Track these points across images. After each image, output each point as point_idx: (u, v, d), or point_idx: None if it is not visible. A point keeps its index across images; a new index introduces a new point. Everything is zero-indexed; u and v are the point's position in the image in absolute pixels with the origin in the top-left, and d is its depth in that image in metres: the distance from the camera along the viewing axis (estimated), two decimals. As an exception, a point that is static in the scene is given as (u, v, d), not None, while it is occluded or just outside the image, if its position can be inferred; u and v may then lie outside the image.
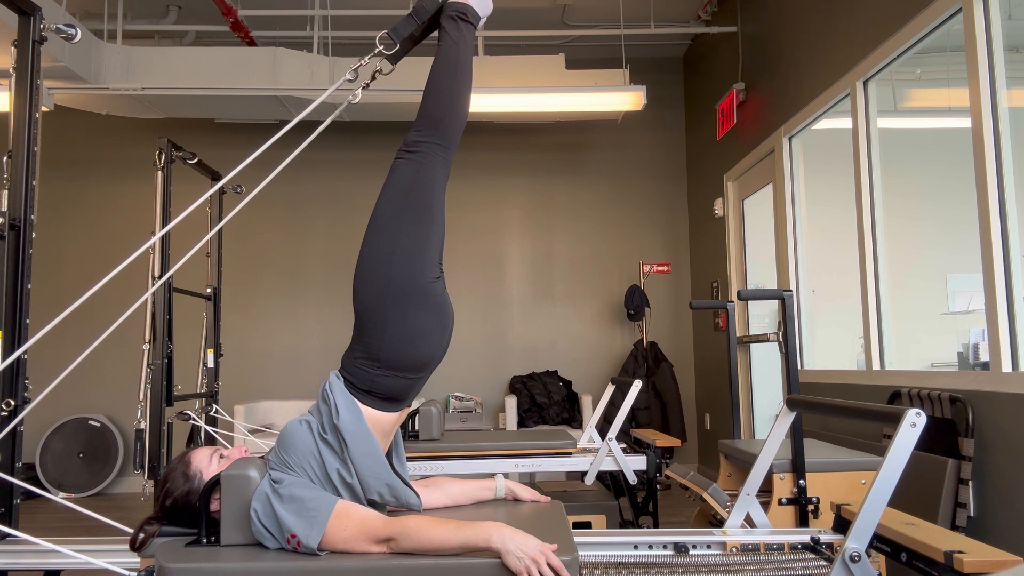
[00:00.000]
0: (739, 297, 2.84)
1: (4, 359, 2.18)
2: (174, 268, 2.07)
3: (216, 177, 4.27)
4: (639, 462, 3.34)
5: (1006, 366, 2.66)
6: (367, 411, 1.64)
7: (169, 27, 5.73)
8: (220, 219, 4.28)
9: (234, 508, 1.55)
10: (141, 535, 1.62)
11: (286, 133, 7.39)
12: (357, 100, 1.96)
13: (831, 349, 4.34)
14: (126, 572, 1.59)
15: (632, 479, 3.34)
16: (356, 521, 1.49)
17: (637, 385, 3.36)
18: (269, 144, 1.98)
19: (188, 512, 1.64)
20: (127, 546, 1.82)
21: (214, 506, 1.60)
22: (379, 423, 1.66)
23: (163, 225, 3.54)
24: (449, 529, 1.47)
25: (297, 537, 1.48)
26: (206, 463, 1.69)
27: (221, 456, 1.72)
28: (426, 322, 1.67)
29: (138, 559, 1.64)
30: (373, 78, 2.00)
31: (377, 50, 1.92)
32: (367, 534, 1.48)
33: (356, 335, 1.68)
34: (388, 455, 1.76)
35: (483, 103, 5.08)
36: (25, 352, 2.24)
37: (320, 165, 6.53)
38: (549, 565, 1.43)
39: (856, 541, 1.47)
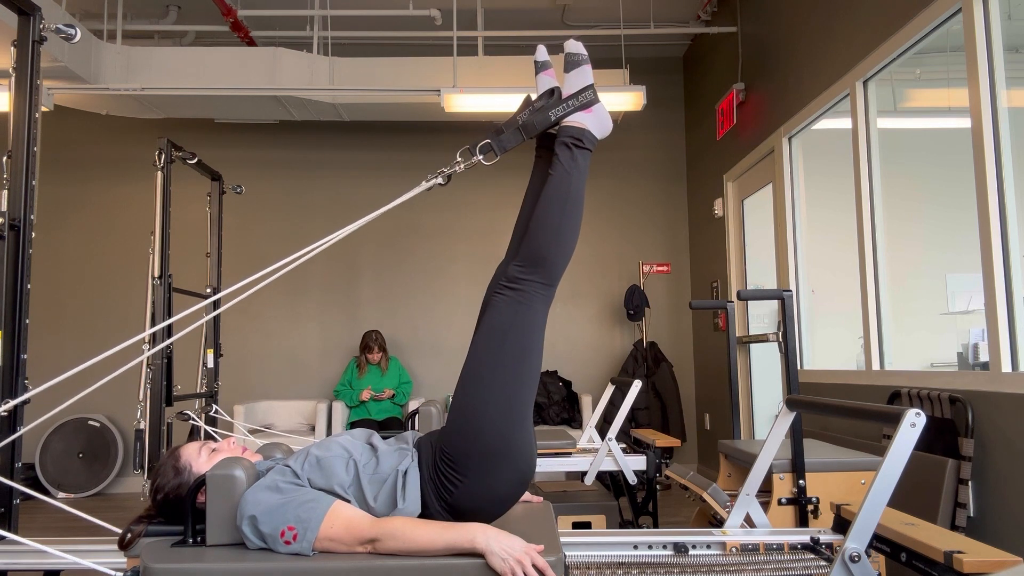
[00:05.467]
0: (739, 297, 2.84)
1: (4, 359, 2.18)
2: (202, 304, 2.06)
3: (216, 177, 4.27)
4: (639, 462, 3.34)
5: (1006, 366, 2.66)
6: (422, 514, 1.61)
7: (169, 27, 5.72)
8: (220, 218, 4.29)
9: (220, 508, 1.55)
10: (128, 535, 1.62)
11: (288, 134, 7.32)
12: (435, 185, 1.84)
13: (831, 349, 4.34)
14: (112, 572, 1.59)
15: (632, 479, 3.34)
16: (343, 520, 1.49)
17: (637, 385, 3.36)
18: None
19: (180, 507, 1.63)
20: (116, 546, 1.82)
21: (202, 499, 1.59)
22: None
23: (163, 225, 3.54)
24: (434, 530, 1.47)
25: (295, 530, 1.47)
26: (195, 456, 1.69)
27: (212, 450, 1.72)
28: (505, 487, 1.62)
29: (125, 559, 1.64)
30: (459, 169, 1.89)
31: (475, 159, 1.81)
32: (353, 534, 1.48)
33: (440, 460, 1.62)
34: None
35: (483, 103, 5.08)
36: (24, 352, 2.24)
37: (320, 165, 6.54)
38: (535, 566, 1.43)
39: (856, 541, 1.47)
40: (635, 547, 1.94)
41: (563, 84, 1.80)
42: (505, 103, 5.04)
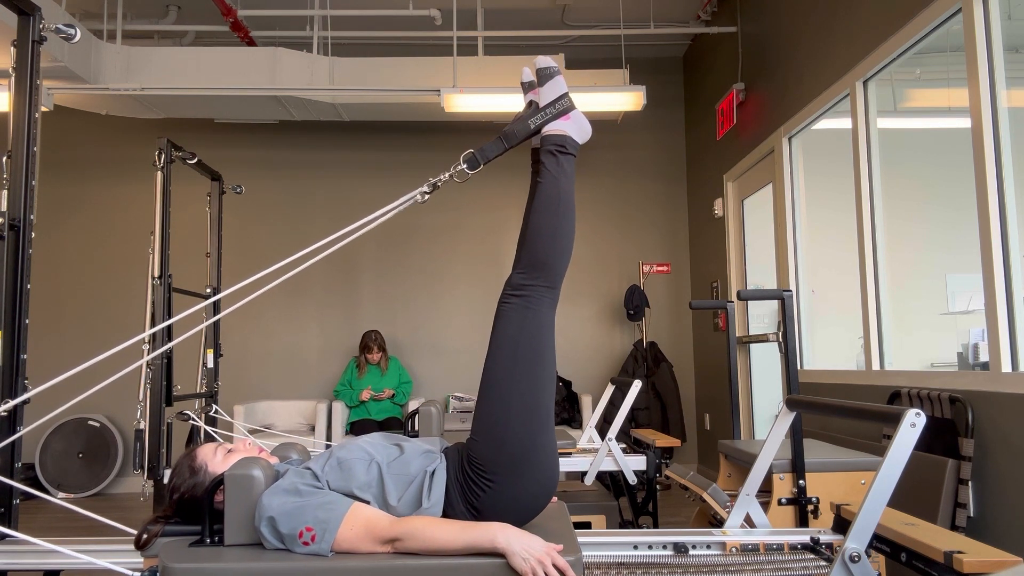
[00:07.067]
0: (739, 297, 2.84)
1: (4, 359, 2.18)
2: (202, 305, 2.06)
3: (216, 177, 4.27)
4: (639, 462, 3.34)
5: (1006, 366, 2.66)
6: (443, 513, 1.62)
7: (169, 27, 5.72)
8: (220, 218, 4.28)
9: (238, 508, 1.55)
10: (145, 535, 1.63)
11: (288, 134, 7.32)
12: (424, 201, 1.92)
13: (831, 349, 4.34)
14: (129, 572, 1.59)
15: (632, 479, 3.34)
16: (363, 521, 1.50)
17: (637, 385, 3.36)
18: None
19: (197, 506, 1.64)
20: (129, 546, 1.82)
21: (219, 499, 1.59)
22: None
23: (163, 225, 3.54)
24: (455, 530, 1.47)
25: (313, 531, 1.48)
26: (211, 456, 1.71)
27: (228, 451, 1.73)
28: (528, 496, 1.63)
29: (141, 559, 1.64)
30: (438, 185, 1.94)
31: (460, 167, 1.86)
32: (373, 535, 1.49)
33: (468, 465, 1.63)
34: None
35: (483, 103, 5.08)
36: (24, 352, 2.24)
37: (320, 165, 6.54)
38: (555, 565, 1.43)
39: (856, 541, 1.47)
40: (635, 547, 1.94)
41: (540, 98, 1.86)
42: (505, 103, 5.03)
